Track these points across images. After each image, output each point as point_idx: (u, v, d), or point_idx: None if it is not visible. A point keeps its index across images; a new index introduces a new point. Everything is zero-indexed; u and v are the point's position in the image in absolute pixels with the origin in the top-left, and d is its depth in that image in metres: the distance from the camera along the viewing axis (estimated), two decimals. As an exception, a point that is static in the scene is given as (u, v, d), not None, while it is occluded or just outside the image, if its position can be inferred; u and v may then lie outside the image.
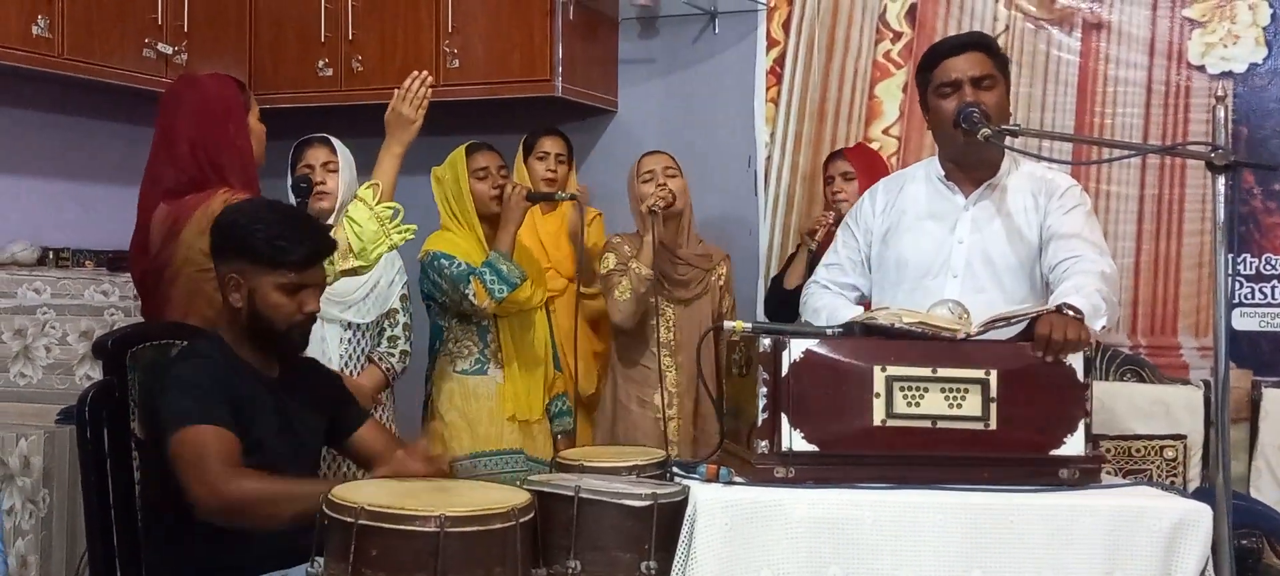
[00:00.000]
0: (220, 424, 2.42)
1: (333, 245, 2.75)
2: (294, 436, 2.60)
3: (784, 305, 4.03)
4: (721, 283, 4.01)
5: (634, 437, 3.79)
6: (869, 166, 4.10)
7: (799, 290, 3.87)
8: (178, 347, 2.68)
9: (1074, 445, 2.47)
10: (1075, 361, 2.48)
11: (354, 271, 2.98)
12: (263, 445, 2.51)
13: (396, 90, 3.14)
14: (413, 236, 3.04)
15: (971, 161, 3.00)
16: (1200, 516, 2.35)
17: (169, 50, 4.41)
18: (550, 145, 4.14)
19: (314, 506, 2.24)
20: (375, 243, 2.93)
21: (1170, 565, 2.34)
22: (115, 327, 3.47)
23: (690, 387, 3.86)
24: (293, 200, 3.55)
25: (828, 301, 3.08)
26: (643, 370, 3.87)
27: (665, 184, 3.82)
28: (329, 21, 4.72)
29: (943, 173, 3.04)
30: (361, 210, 2.95)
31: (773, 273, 4.54)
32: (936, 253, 2.98)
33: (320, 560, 2.20)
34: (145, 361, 2.65)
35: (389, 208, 2.98)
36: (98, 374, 2.72)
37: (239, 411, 2.48)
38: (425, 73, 3.15)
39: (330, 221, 3.32)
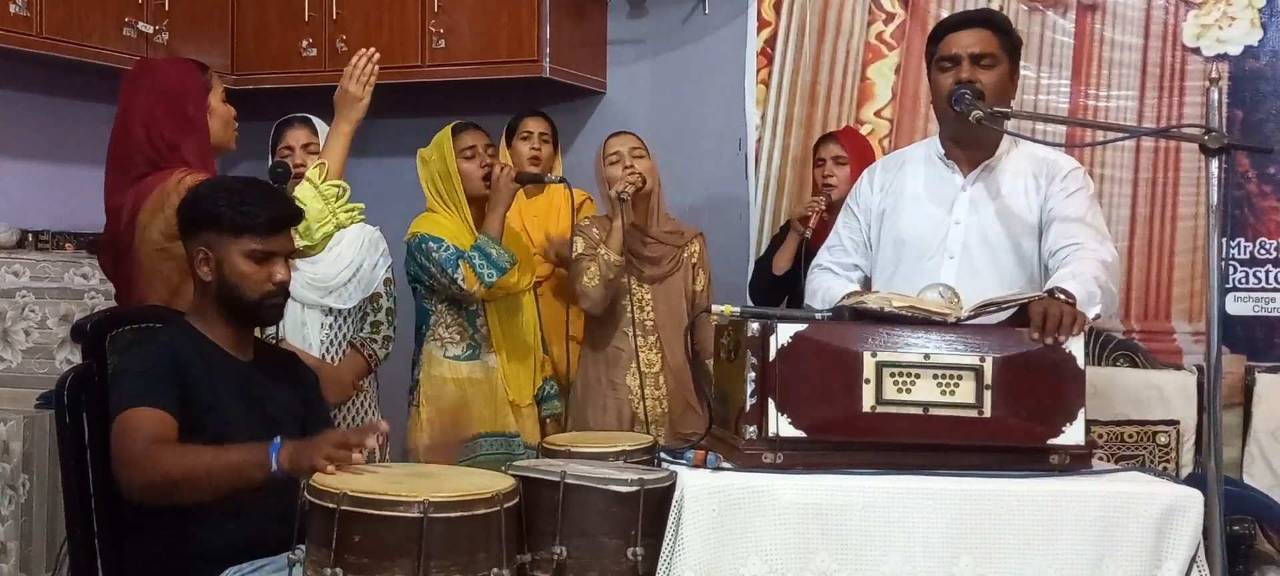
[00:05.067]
0: (159, 405, 2.40)
1: (299, 213, 2.72)
2: (266, 418, 2.57)
3: (771, 289, 4.00)
4: (694, 260, 3.98)
5: (603, 421, 3.76)
6: (860, 151, 4.08)
7: (787, 275, 3.86)
8: (154, 331, 2.66)
9: (1073, 434, 2.43)
10: (1074, 348, 2.44)
11: (299, 253, 2.95)
12: (228, 427, 2.48)
13: (345, 67, 3.10)
14: (361, 217, 3.02)
15: (967, 141, 2.99)
16: (1191, 502, 2.34)
17: (149, 29, 4.37)
18: (534, 126, 4.12)
19: (242, 474, 2.29)
20: (320, 222, 2.91)
21: (1161, 551, 2.33)
22: (95, 311, 3.45)
23: (666, 368, 3.83)
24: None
25: (825, 281, 3.07)
26: (614, 351, 3.83)
27: (632, 166, 3.77)
28: (313, 1, 4.67)
29: (942, 151, 3.04)
30: (306, 189, 2.93)
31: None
32: (933, 233, 2.98)
33: (302, 548, 2.18)
34: (124, 345, 2.62)
35: (335, 186, 2.95)
36: (77, 358, 2.69)
37: (194, 394, 2.46)
38: (373, 50, 3.11)
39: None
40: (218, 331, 2.59)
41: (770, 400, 2.39)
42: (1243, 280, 4.06)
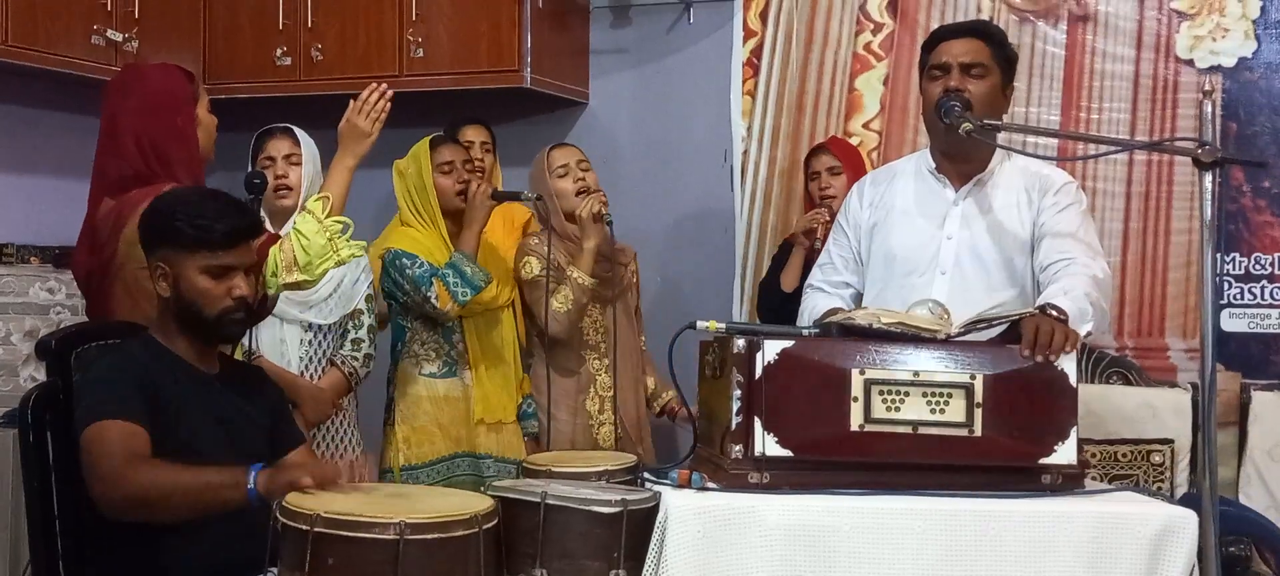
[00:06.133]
0: (128, 417, 2.37)
1: (259, 225, 2.68)
2: (233, 432, 2.54)
3: (781, 309, 3.92)
4: (633, 279, 3.95)
5: (560, 446, 3.69)
6: (851, 158, 4.04)
7: (798, 293, 3.81)
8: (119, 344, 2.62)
9: (1065, 453, 2.42)
10: (1067, 365, 2.42)
11: (298, 286, 2.92)
12: (195, 440, 2.45)
13: (352, 100, 3.05)
14: (362, 253, 2.98)
15: (958, 154, 2.96)
16: (1185, 523, 2.33)
17: (118, 37, 4.30)
18: (474, 134, 4.06)
19: (219, 494, 2.29)
20: (322, 257, 2.86)
21: (1155, 573, 2.31)
22: (61, 327, 3.40)
23: (619, 391, 3.77)
24: (245, 198, 3.43)
25: (814, 300, 3.06)
26: (574, 374, 3.77)
27: (584, 179, 3.73)
28: (287, 8, 4.63)
29: (933, 165, 3.02)
30: (310, 223, 2.87)
31: (749, 270, 4.46)
32: (925, 248, 2.95)
33: (274, 570, 2.17)
34: (90, 361, 2.58)
35: (338, 222, 2.91)
36: (42, 375, 2.66)
37: (161, 407, 2.42)
38: (385, 86, 3.07)
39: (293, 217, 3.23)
40: (181, 346, 2.55)
41: (756, 419, 2.38)
42: (1238, 296, 4.03)
